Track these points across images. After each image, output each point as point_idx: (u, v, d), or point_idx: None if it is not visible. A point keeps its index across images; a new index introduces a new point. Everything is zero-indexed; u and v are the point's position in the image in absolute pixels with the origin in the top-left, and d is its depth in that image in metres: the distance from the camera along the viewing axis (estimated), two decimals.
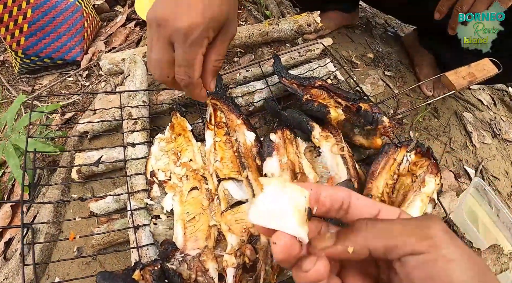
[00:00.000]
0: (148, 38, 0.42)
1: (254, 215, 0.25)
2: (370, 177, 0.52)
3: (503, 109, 1.14)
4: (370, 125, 0.53)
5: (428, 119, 0.91)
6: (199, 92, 0.44)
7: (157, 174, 0.53)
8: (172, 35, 0.39)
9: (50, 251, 0.62)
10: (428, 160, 0.57)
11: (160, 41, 0.40)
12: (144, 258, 0.49)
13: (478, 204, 0.83)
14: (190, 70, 0.41)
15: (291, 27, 0.78)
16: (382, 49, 1.02)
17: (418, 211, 0.50)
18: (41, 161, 0.74)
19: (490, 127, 1.04)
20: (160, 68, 0.42)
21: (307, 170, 0.52)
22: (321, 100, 0.59)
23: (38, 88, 0.89)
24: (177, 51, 0.40)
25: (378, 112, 0.53)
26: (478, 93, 1.10)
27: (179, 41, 0.39)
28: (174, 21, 0.38)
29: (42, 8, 0.86)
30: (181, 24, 0.38)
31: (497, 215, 0.82)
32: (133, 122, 0.60)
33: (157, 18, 0.39)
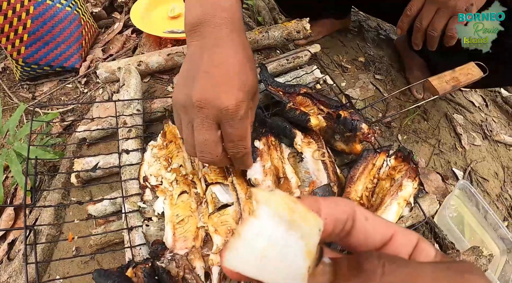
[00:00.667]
0: (183, 122, 0.44)
1: (235, 259, 0.15)
2: (349, 181, 0.56)
3: (495, 110, 1.17)
4: (350, 132, 0.57)
5: (417, 121, 0.95)
6: (251, 159, 0.49)
7: (149, 179, 0.57)
8: (218, 115, 0.41)
9: (51, 252, 0.67)
10: (407, 164, 0.61)
11: (205, 123, 0.41)
12: (137, 257, 0.54)
13: (464, 206, 0.86)
14: (244, 142, 0.44)
15: (281, 34, 0.82)
16: (373, 53, 1.06)
17: (394, 215, 0.55)
18: (42, 167, 0.79)
19: (481, 129, 1.07)
20: (209, 149, 0.43)
21: (289, 175, 0.56)
22: (305, 107, 0.63)
23: (38, 94, 0.94)
24: (228, 129, 0.42)
25: (357, 120, 0.57)
26: (469, 95, 1.14)
27: (228, 119, 0.41)
28: (219, 101, 0.40)
29: (41, 18, 0.91)
30: (228, 102, 0.40)
31: (484, 217, 0.85)
32: (127, 130, 0.65)
33: (198, 101, 0.40)
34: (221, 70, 0.42)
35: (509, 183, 1.01)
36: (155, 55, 0.80)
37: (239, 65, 0.43)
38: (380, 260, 0.17)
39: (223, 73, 0.41)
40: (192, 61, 0.44)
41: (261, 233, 0.15)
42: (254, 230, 0.15)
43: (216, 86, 0.41)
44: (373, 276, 0.16)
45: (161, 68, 0.81)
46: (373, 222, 0.20)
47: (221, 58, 0.42)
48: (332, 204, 0.20)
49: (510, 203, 0.97)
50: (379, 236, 0.20)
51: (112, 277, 0.48)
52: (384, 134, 0.85)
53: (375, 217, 0.20)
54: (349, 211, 0.20)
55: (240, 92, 0.41)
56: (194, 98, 0.40)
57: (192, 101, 0.41)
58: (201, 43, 0.44)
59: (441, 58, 0.96)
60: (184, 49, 0.80)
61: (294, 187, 0.55)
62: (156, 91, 0.81)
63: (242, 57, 0.44)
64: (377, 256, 0.17)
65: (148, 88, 0.81)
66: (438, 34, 0.69)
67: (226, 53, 0.43)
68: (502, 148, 1.08)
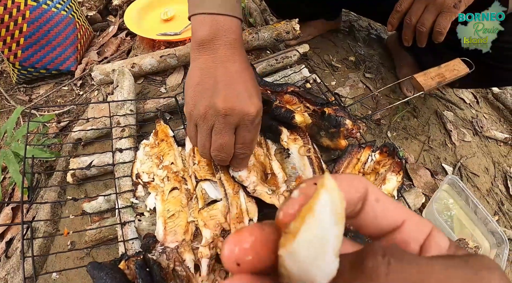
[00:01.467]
0: (201, 129, 0.49)
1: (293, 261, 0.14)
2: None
3: (486, 107, 1.19)
4: (334, 128, 0.59)
5: (407, 119, 0.98)
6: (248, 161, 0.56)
7: (141, 176, 0.60)
8: (240, 121, 0.47)
9: (48, 248, 0.69)
10: (392, 159, 0.63)
11: (227, 127, 0.47)
12: (130, 251, 0.56)
13: (453, 201, 0.89)
14: (252, 145, 0.52)
15: (270, 35, 0.85)
16: (364, 52, 1.09)
17: None
18: (39, 167, 0.82)
19: (472, 125, 1.09)
20: (226, 150, 0.49)
21: (276, 171, 0.59)
22: (292, 105, 0.66)
23: (35, 97, 0.97)
24: (245, 132, 0.49)
25: (342, 116, 0.60)
26: (460, 92, 1.16)
27: (247, 125, 0.48)
28: (244, 109, 0.47)
29: (37, 22, 0.94)
30: (252, 110, 0.47)
31: (475, 212, 0.88)
32: (121, 129, 0.67)
33: (224, 109, 0.46)
34: (239, 82, 0.48)
35: (500, 178, 1.03)
36: (148, 57, 0.83)
37: (251, 78, 0.50)
38: (385, 257, 0.15)
39: (243, 85, 0.48)
40: (206, 74, 0.49)
41: (314, 230, 0.14)
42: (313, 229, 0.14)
43: (239, 96, 0.47)
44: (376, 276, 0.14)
45: (154, 69, 0.83)
46: (384, 204, 0.18)
47: (236, 72, 0.49)
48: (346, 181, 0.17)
49: (501, 198, 0.99)
50: (389, 220, 0.18)
51: (105, 269, 0.50)
52: (373, 131, 0.88)
53: (387, 199, 0.18)
54: (362, 191, 0.17)
55: (258, 101, 0.49)
56: (220, 106, 0.46)
57: (217, 109, 0.46)
58: (213, 58, 0.49)
59: (431, 56, 0.98)
60: (177, 51, 0.83)
61: (281, 182, 0.58)
62: (150, 92, 0.83)
63: (251, 73, 0.51)
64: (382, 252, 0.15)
65: (142, 89, 0.84)
66: (427, 30, 0.70)
67: (238, 68, 0.50)
68: (493, 144, 1.10)
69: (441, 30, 0.69)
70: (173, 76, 0.85)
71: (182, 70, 0.85)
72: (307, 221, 0.14)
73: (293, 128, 0.62)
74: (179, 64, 0.84)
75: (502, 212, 0.95)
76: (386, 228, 0.18)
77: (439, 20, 0.68)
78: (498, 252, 0.82)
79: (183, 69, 0.85)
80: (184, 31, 0.92)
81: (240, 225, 0.52)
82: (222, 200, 0.56)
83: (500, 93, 1.22)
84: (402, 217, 0.18)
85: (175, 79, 0.84)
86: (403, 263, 0.15)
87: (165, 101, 0.74)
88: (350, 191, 0.17)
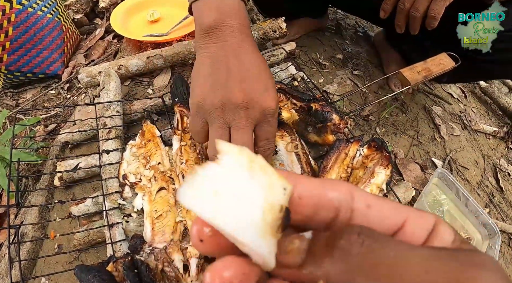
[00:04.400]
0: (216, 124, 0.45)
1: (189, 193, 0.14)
2: (322, 171, 0.59)
3: (474, 101, 1.21)
4: (321, 123, 0.59)
5: (396, 114, 0.98)
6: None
7: (128, 177, 0.59)
8: (261, 115, 0.45)
9: (36, 253, 0.68)
10: (380, 153, 0.63)
11: (249, 123, 0.45)
12: (118, 253, 0.55)
13: (443, 194, 0.89)
14: (274, 139, 0.50)
15: (257, 34, 0.85)
16: (351, 50, 1.09)
17: None
18: (26, 171, 0.80)
19: (460, 119, 1.10)
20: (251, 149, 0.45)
21: None
22: (279, 102, 0.66)
23: (22, 102, 0.96)
24: (267, 127, 0.47)
25: (328, 111, 0.60)
26: (448, 87, 1.17)
27: (268, 118, 0.46)
28: (265, 102, 0.44)
29: (22, 25, 0.93)
30: (272, 102, 0.45)
31: (465, 204, 0.88)
32: (107, 131, 0.67)
33: (244, 102, 0.43)
34: (255, 74, 0.45)
35: (490, 170, 1.04)
36: (135, 58, 0.82)
37: (266, 69, 0.47)
38: (359, 236, 0.14)
39: (259, 77, 0.45)
40: (217, 64, 0.46)
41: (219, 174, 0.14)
42: (212, 171, 0.14)
43: (257, 89, 0.44)
44: (347, 256, 0.13)
45: (140, 71, 0.83)
46: (378, 208, 0.16)
47: (250, 63, 0.46)
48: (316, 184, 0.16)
49: (491, 190, 1.00)
50: (387, 225, 0.16)
51: (92, 272, 0.50)
52: (362, 128, 0.88)
53: (382, 202, 0.16)
54: (343, 197, 0.16)
55: (275, 93, 0.47)
56: (239, 99, 0.43)
57: (235, 102, 0.43)
58: (222, 47, 0.46)
59: (418, 52, 0.99)
60: (163, 52, 0.83)
61: None
62: (137, 93, 0.83)
63: (264, 62, 0.48)
64: (357, 231, 0.14)
65: (129, 91, 0.83)
66: (420, 16, 0.69)
67: (252, 59, 0.46)
68: (482, 137, 1.11)
69: (435, 15, 0.68)
70: (160, 77, 0.84)
71: (169, 71, 0.85)
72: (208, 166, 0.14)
73: (280, 124, 0.62)
74: (166, 65, 0.84)
75: (493, 204, 0.96)
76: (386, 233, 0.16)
77: (432, 5, 0.67)
78: (490, 243, 0.83)
79: (170, 70, 0.85)
80: (171, 32, 0.91)
81: None
82: None
83: (488, 87, 1.24)
84: (402, 218, 0.16)
85: (162, 80, 0.83)
86: (378, 245, 0.13)
87: (152, 101, 0.73)
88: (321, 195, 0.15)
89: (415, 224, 0.16)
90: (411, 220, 0.16)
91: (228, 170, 0.14)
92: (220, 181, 0.14)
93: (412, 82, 0.77)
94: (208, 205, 0.14)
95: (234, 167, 0.14)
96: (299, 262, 0.14)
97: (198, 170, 0.14)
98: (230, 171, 0.14)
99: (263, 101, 0.44)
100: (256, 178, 0.14)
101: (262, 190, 0.14)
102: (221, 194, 0.14)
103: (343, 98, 0.85)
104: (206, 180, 0.14)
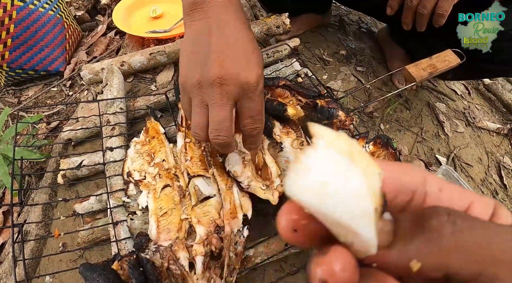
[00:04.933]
0: (194, 102, 0.42)
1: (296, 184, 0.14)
2: None
3: (477, 98, 1.19)
4: (327, 120, 0.58)
5: (400, 111, 0.97)
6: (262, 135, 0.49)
7: (133, 174, 0.59)
8: (238, 91, 0.41)
9: (40, 251, 0.68)
10: (386, 150, 0.62)
11: (224, 99, 0.40)
12: (123, 251, 0.55)
13: None
14: (261, 116, 0.44)
15: (260, 30, 0.83)
16: (355, 46, 1.08)
17: None
18: (29, 169, 0.80)
19: (464, 116, 1.09)
20: (226, 127, 0.41)
21: (270, 165, 0.57)
22: (284, 98, 0.65)
23: (24, 99, 0.95)
24: (248, 103, 0.42)
25: (334, 108, 0.59)
26: (452, 84, 1.16)
27: (249, 94, 0.41)
28: (241, 76, 0.40)
29: (24, 22, 0.92)
30: (251, 77, 0.40)
31: None
32: (111, 128, 0.66)
33: (218, 78, 0.39)
34: (236, 48, 0.42)
35: (494, 168, 1.03)
36: (138, 55, 0.81)
37: (250, 43, 0.43)
38: (449, 216, 0.14)
39: (239, 51, 0.42)
40: (199, 41, 0.43)
41: (321, 161, 0.14)
42: (314, 158, 0.14)
43: (235, 63, 0.41)
44: (440, 236, 0.14)
45: (143, 67, 0.82)
46: (449, 192, 0.17)
47: (232, 37, 0.42)
48: (397, 169, 0.16)
49: (495, 187, 0.99)
50: (456, 207, 0.16)
51: (97, 270, 0.49)
52: (366, 124, 0.87)
53: (450, 186, 0.17)
54: (419, 181, 0.16)
55: (258, 68, 0.42)
56: (214, 75, 0.40)
57: (210, 78, 0.40)
58: (206, 22, 0.43)
59: (422, 49, 0.98)
60: (166, 48, 0.82)
61: (274, 176, 0.56)
62: (140, 90, 0.82)
63: (250, 36, 0.44)
64: (446, 212, 0.14)
65: (132, 87, 0.82)
66: (428, 13, 0.68)
67: (236, 33, 0.43)
68: (486, 134, 1.10)
69: (442, 12, 0.66)
70: (163, 74, 0.83)
71: (172, 67, 0.84)
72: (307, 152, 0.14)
73: (286, 121, 0.61)
74: (169, 61, 0.83)
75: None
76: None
77: (440, 3, 0.66)
78: None
79: (173, 66, 0.84)
80: (174, 28, 0.90)
81: (233, 220, 0.51)
82: (216, 196, 0.55)
83: (491, 84, 1.22)
84: (467, 201, 0.17)
85: (165, 76, 0.82)
86: (469, 224, 0.14)
87: (156, 98, 0.72)
88: (402, 179, 0.16)
89: (479, 207, 0.17)
90: (475, 204, 0.17)
91: (329, 157, 0.14)
92: (323, 169, 0.14)
93: (418, 78, 0.76)
94: (316, 195, 0.14)
95: (334, 153, 0.14)
96: (387, 244, 0.15)
97: (300, 158, 0.14)
98: (331, 157, 0.14)
99: (241, 76, 0.40)
100: (356, 163, 0.14)
101: (363, 177, 0.14)
102: (327, 183, 0.13)
103: (347, 94, 0.84)
104: (310, 170, 0.14)
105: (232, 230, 0.50)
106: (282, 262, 0.63)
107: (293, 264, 0.64)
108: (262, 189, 0.53)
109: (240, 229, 0.51)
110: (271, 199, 0.52)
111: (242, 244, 0.50)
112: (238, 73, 0.40)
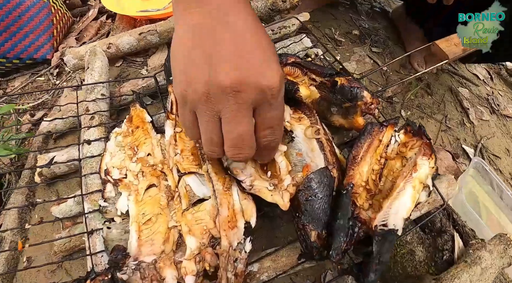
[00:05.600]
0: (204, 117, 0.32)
1: None
2: (351, 163, 0.44)
3: (500, 84, 1.03)
4: (349, 102, 0.44)
5: (421, 96, 0.82)
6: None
7: (111, 172, 0.45)
8: (257, 98, 0.31)
9: (16, 261, 0.55)
10: (420, 139, 0.47)
11: (243, 110, 0.31)
12: (99, 266, 0.42)
13: (478, 186, 0.74)
14: (282, 126, 0.36)
15: (265, 4, 0.68)
16: (368, 26, 0.92)
17: (410, 201, 0.42)
18: (9, 167, 0.67)
19: (488, 103, 0.93)
20: (249, 143, 0.33)
21: (278, 159, 0.43)
22: (295, 78, 0.50)
23: (10, 90, 0.82)
24: (270, 112, 0.33)
25: (357, 87, 0.44)
26: (473, 68, 1.00)
27: (270, 101, 0.32)
28: (263, 81, 0.31)
29: (5, 7, 0.78)
30: (273, 80, 0.31)
31: (500, 197, 0.73)
32: (90, 117, 0.52)
33: (233, 85, 0.30)
34: (250, 44, 0.31)
35: None
36: (126, 35, 0.67)
37: (264, 36, 0.33)
38: None
39: (255, 47, 0.31)
40: (203, 35, 0.31)
41: None
42: None
43: (252, 64, 0.31)
44: None
45: (133, 49, 0.68)
46: None
47: (243, 29, 0.32)
48: None
49: None
50: None
51: None
52: (386, 110, 0.72)
53: None
54: None
55: (278, 66, 0.32)
56: (227, 80, 0.30)
57: (222, 85, 0.30)
58: (208, 11, 0.31)
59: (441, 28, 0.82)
60: (158, 27, 0.67)
61: (284, 173, 0.42)
62: (129, 75, 0.68)
63: (260, 26, 0.33)
64: None
65: (120, 72, 0.68)
66: None
67: (245, 24, 0.32)
68: (511, 123, 0.95)
69: None
70: (156, 56, 0.69)
71: (165, 49, 0.69)
72: None
73: (297, 105, 0.46)
74: (162, 42, 0.68)
75: None
76: None
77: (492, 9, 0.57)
78: None
79: (166, 47, 0.70)
80: (168, 6, 0.75)
81: (232, 231, 0.37)
82: (210, 198, 0.41)
83: None
84: None
85: (158, 59, 0.68)
86: None
87: (144, 82, 0.58)
88: None
89: None
90: None
91: None
92: None
93: (450, 55, 0.60)
94: None
95: None
96: None
97: None
98: None
99: (261, 78, 0.31)
100: None
101: None
102: None
103: (363, 77, 0.69)
104: None
105: (231, 244, 0.37)
106: (293, 274, 0.49)
107: (306, 277, 0.50)
108: (268, 190, 0.39)
109: (241, 241, 0.37)
110: (280, 202, 0.38)
111: (244, 261, 0.37)
112: (257, 76, 0.30)
